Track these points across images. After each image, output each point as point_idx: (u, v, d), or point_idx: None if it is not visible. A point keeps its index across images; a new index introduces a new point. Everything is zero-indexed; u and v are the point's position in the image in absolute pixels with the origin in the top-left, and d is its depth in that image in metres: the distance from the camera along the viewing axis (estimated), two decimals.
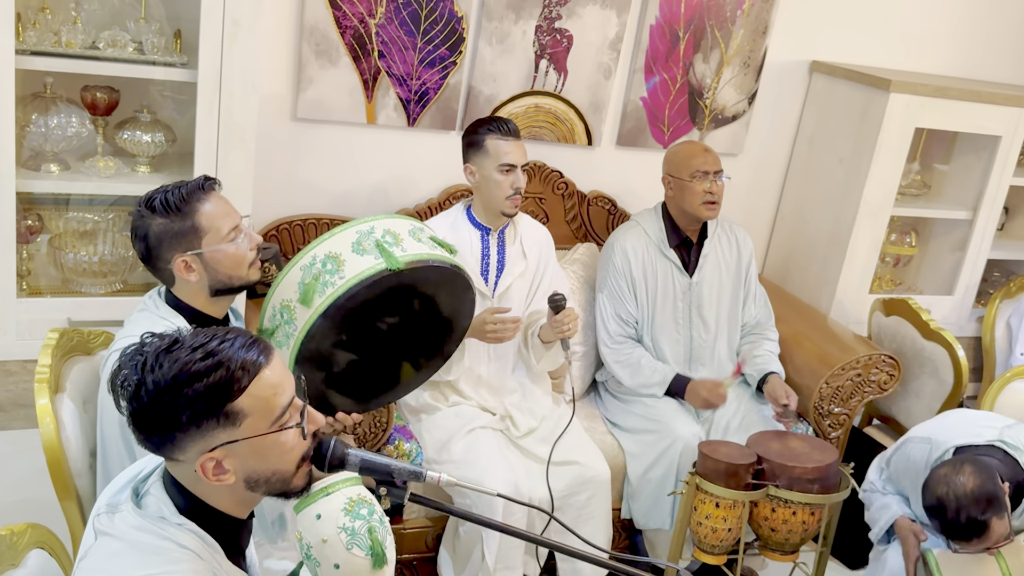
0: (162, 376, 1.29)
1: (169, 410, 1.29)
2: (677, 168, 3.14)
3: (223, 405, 1.31)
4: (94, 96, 2.71)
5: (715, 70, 3.62)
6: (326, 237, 2.07)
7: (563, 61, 3.39)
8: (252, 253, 2.01)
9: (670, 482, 2.96)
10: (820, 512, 2.69)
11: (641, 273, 3.16)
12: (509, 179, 2.80)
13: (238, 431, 1.33)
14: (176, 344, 1.32)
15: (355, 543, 1.47)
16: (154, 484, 1.41)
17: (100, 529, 1.37)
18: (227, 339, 1.34)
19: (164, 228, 1.93)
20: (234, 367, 1.31)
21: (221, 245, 1.94)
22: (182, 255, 1.94)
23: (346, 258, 2.02)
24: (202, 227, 1.94)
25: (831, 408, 3.22)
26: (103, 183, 2.66)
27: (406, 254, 2.05)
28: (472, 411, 2.93)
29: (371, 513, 1.51)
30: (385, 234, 2.07)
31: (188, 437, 1.32)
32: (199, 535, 1.37)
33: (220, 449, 1.33)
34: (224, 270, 1.97)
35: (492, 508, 2.61)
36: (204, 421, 1.31)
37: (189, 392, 1.29)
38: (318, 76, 3.09)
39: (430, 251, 2.10)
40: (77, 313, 2.64)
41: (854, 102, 3.60)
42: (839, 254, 3.65)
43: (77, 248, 2.73)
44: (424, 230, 2.19)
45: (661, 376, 3.12)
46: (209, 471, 1.34)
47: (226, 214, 1.97)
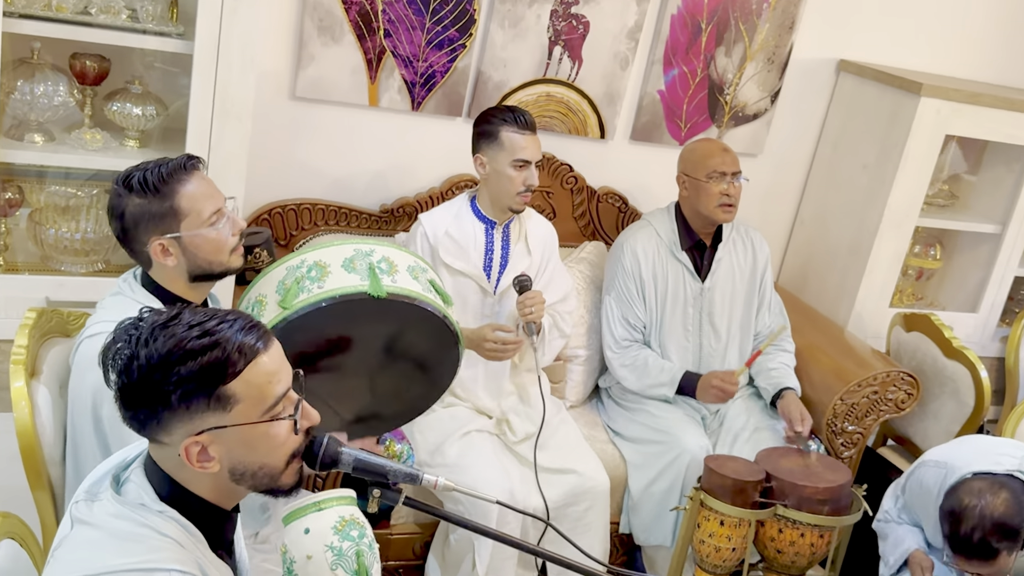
0: (155, 351, 1.29)
1: (159, 387, 1.30)
2: (693, 167, 3.13)
3: (215, 387, 1.31)
4: (83, 64, 2.70)
5: (737, 65, 3.61)
6: (323, 246, 2.08)
7: (578, 49, 3.38)
8: (234, 239, 2.00)
9: (674, 496, 2.96)
10: (829, 535, 2.69)
11: (651, 276, 3.16)
12: (522, 175, 2.80)
13: (228, 416, 1.33)
14: (174, 320, 1.33)
15: (340, 564, 1.46)
16: (135, 471, 1.41)
17: (77, 517, 1.38)
18: (227, 320, 1.34)
19: (141, 209, 1.92)
20: (231, 349, 1.32)
21: (201, 229, 1.93)
22: (159, 238, 1.93)
23: (333, 271, 2.03)
24: (181, 209, 1.92)
25: (845, 426, 3.22)
26: (89, 156, 2.65)
27: (394, 285, 2.05)
28: (467, 413, 2.92)
29: (361, 536, 1.51)
30: (382, 260, 2.07)
31: (176, 418, 1.32)
32: (181, 523, 1.37)
33: (207, 434, 1.33)
34: (204, 255, 1.96)
35: (486, 515, 2.61)
36: (194, 402, 1.31)
37: (182, 370, 1.29)
38: (320, 53, 3.08)
39: (422, 292, 2.10)
40: (56, 292, 2.63)
41: (882, 105, 3.59)
42: (859, 264, 3.65)
43: (58, 224, 2.72)
44: (426, 271, 2.19)
45: (670, 375, 3.11)
46: (193, 456, 1.34)
47: (208, 196, 1.95)
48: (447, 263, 2.87)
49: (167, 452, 1.37)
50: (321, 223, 3.25)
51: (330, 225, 3.26)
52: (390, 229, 3.32)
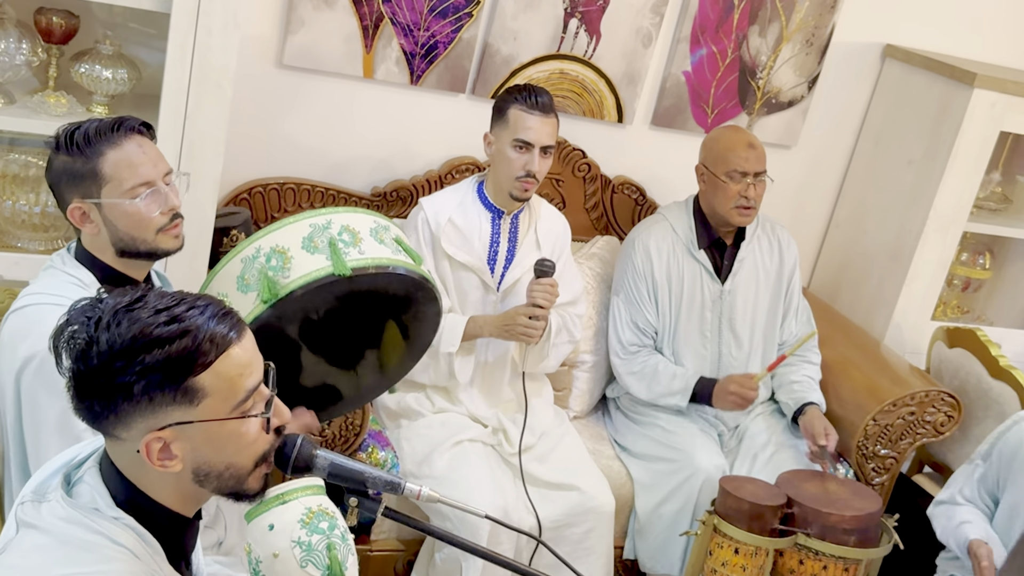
0: (118, 336, 1.29)
1: (120, 376, 1.29)
2: (713, 160, 3.13)
3: (183, 379, 1.31)
4: (49, 20, 2.70)
5: (772, 46, 3.61)
6: (276, 227, 2.08)
7: (596, 22, 3.38)
8: (162, 218, 1.98)
9: (684, 520, 2.96)
10: (855, 569, 2.68)
11: (665, 276, 3.16)
12: (522, 159, 2.80)
13: (194, 411, 1.33)
14: (138, 302, 1.32)
15: (311, 560, 1.47)
16: (89, 471, 1.40)
17: (24, 520, 1.37)
18: (197, 305, 1.34)
19: (64, 167, 1.94)
20: (201, 338, 1.31)
21: (120, 199, 1.93)
22: (79, 201, 1.94)
23: (294, 254, 2.03)
24: (103, 174, 1.93)
25: (877, 449, 3.22)
26: (52, 122, 2.64)
27: (362, 258, 2.06)
28: (460, 421, 2.93)
29: (332, 528, 1.51)
30: (343, 231, 2.07)
31: (136, 410, 1.31)
32: (137, 531, 1.36)
33: (170, 429, 1.33)
34: (125, 229, 1.96)
35: (476, 533, 2.61)
36: (158, 394, 1.31)
37: (147, 358, 1.29)
38: (311, 18, 3.08)
39: (392, 256, 2.12)
40: (10, 271, 2.64)
41: (931, 96, 3.59)
42: (900, 272, 3.65)
43: (16, 196, 2.73)
44: (388, 229, 2.20)
45: (683, 382, 3.11)
46: (154, 453, 1.33)
47: (137, 165, 1.94)
48: (449, 254, 2.87)
49: (124, 449, 1.36)
50: (306, 204, 3.25)
51: (315, 207, 3.25)
52: (383, 214, 3.32)
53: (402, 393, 2.96)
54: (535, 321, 2.78)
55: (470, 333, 2.85)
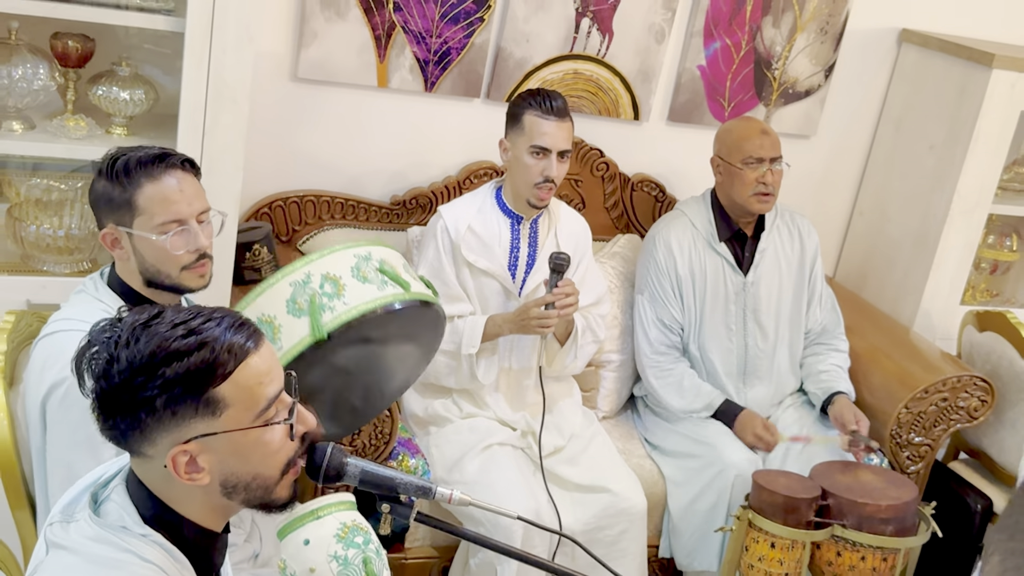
0: (137, 353, 1.31)
1: (142, 392, 1.31)
2: (728, 151, 3.13)
3: (203, 391, 1.33)
4: (65, 45, 2.74)
5: (787, 36, 3.60)
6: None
7: (608, 21, 3.39)
8: (188, 256, 2.00)
9: (719, 516, 2.96)
10: (894, 558, 2.67)
11: (688, 271, 3.16)
12: (539, 165, 2.80)
13: (218, 422, 1.35)
14: (156, 318, 1.34)
15: (347, 574, 1.48)
16: (116, 490, 1.42)
17: (53, 541, 1.39)
18: (213, 318, 1.36)
19: (103, 192, 1.99)
20: (219, 349, 1.33)
21: (148, 233, 1.96)
22: (112, 227, 1.98)
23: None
24: (137, 206, 1.96)
25: (911, 437, 3.20)
26: (72, 145, 2.68)
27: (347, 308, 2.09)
28: (488, 425, 2.94)
29: (366, 542, 1.52)
30: (323, 282, 2.10)
31: (160, 425, 1.33)
32: (165, 548, 1.37)
33: (195, 442, 1.34)
34: (151, 261, 1.99)
35: (510, 536, 2.62)
36: (180, 407, 1.32)
37: (167, 373, 1.31)
38: (323, 30, 3.11)
39: (377, 294, 2.14)
40: (38, 295, 2.67)
41: (950, 79, 3.57)
42: (926, 258, 3.63)
43: (40, 220, 2.76)
44: (369, 258, 2.24)
45: (706, 401, 3.11)
46: (181, 467, 1.35)
47: (171, 201, 1.97)
48: (470, 261, 2.88)
49: (151, 466, 1.38)
50: (326, 217, 3.27)
51: (336, 219, 3.28)
52: (402, 223, 3.34)
53: (430, 400, 2.97)
54: (549, 310, 2.76)
55: (490, 332, 2.85)
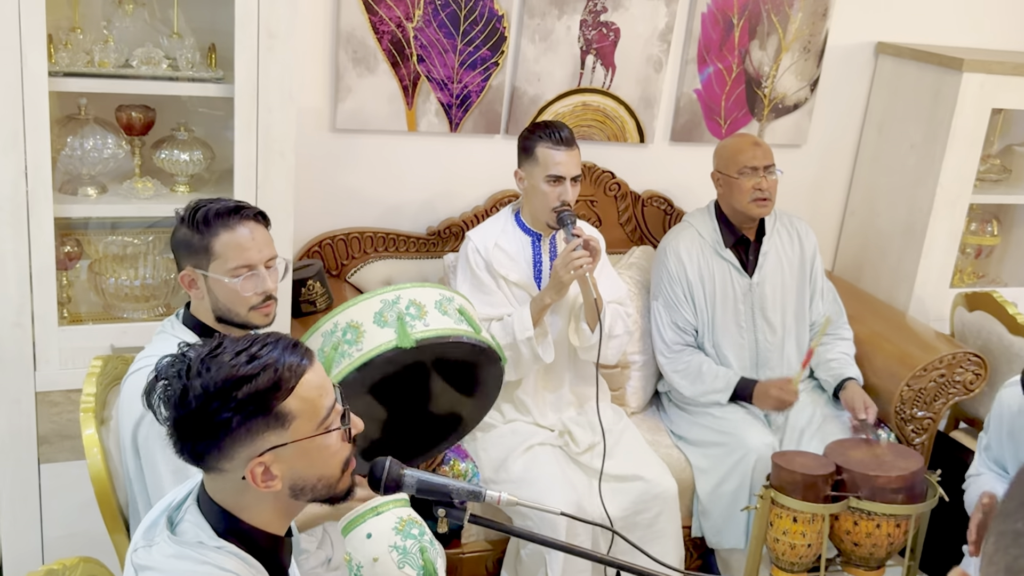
0: (211, 380, 1.34)
1: (218, 415, 1.34)
2: (725, 164, 3.13)
3: (272, 407, 1.36)
4: (129, 116, 2.77)
5: (773, 57, 3.59)
6: (351, 303, 2.17)
7: (610, 56, 3.39)
8: (256, 298, 2.03)
9: (743, 497, 2.94)
10: (906, 524, 2.64)
11: (697, 277, 3.15)
12: (556, 191, 2.80)
13: (287, 433, 1.37)
14: (218, 348, 1.37)
15: (407, 562, 1.50)
16: (189, 510, 1.44)
17: (139, 564, 1.41)
18: (268, 343, 1.39)
19: (183, 238, 2.02)
20: (281, 369, 1.36)
21: (222, 276, 1.99)
22: (190, 269, 2.01)
23: (366, 328, 2.09)
24: (213, 252, 1.99)
25: (914, 412, 3.17)
26: (142, 205, 2.72)
27: (427, 329, 2.14)
28: (529, 428, 2.93)
29: (422, 533, 1.54)
30: (410, 306, 2.13)
31: (237, 442, 1.36)
32: (240, 556, 1.40)
33: (269, 453, 1.37)
34: (223, 300, 2.02)
35: (555, 528, 2.61)
36: (254, 424, 1.35)
37: (239, 395, 1.34)
38: (356, 85, 3.13)
39: (454, 326, 2.19)
40: (120, 339, 2.70)
41: (924, 84, 3.54)
42: (915, 247, 3.60)
43: (118, 273, 2.80)
44: (453, 300, 2.26)
45: (724, 381, 3.09)
46: (259, 477, 1.37)
47: (244, 248, 2.00)
48: (502, 274, 2.88)
49: (226, 481, 1.40)
50: (370, 250, 3.29)
51: (379, 252, 3.30)
52: (438, 251, 3.35)
53: None
54: (579, 250, 2.69)
55: (535, 311, 2.80)
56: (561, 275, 2.73)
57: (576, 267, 2.70)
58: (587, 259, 2.70)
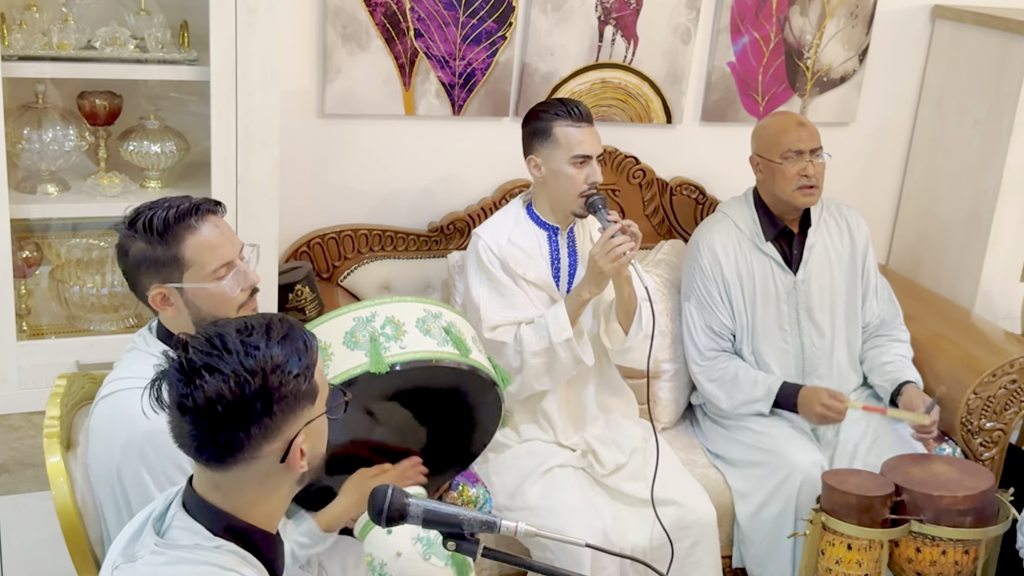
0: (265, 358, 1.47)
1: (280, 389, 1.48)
2: (766, 147, 3.12)
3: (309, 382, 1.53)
4: (92, 104, 2.79)
5: (816, 24, 3.58)
6: (321, 322, 2.19)
7: (632, 26, 3.39)
8: (243, 294, 2.04)
9: (787, 522, 2.93)
10: (976, 550, 2.63)
11: (735, 274, 3.14)
12: (583, 173, 2.80)
13: (314, 408, 1.55)
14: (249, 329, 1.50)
15: (432, 552, 1.54)
16: (176, 516, 1.51)
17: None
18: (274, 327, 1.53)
19: (144, 254, 1.98)
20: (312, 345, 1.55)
21: (204, 283, 1.98)
22: (160, 287, 1.99)
23: (334, 351, 2.11)
24: (185, 260, 1.98)
25: (982, 423, 3.16)
26: (108, 203, 2.73)
27: (404, 352, 2.17)
28: (547, 448, 2.93)
29: None
30: (386, 324, 2.16)
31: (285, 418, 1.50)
32: (239, 554, 1.48)
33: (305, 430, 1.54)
34: (207, 310, 2.01)
35: (578, 561, 2.61)
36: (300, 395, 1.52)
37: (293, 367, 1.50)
38: (346, 64, 3.14)
39: (436, 348, 2.22)
40: (86, 355, 2.71)
41: (987, 51, 3.53)
42: (981, 236, 3.59)
43: (83, 280, 2.81)
44: (440, 317, 2.30)
45: (764, 388, 3.08)
46: (297, 456, 1.52)
47: (216, 247, 2.00)
48: (519, 274, 2.87)
49: (252, 470, 1.48)
50: (365, 250, 3.30)
51: (375, 251, 3.31)
52: (441, 249, 3.36)
53: None
54: (619, 236, 2.70)
55: (571, 308, 2.81)
56: (602, 265, 2.72)
57: (618, 255, 2.70)
58: (629, 245, 2.71)
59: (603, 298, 2.92)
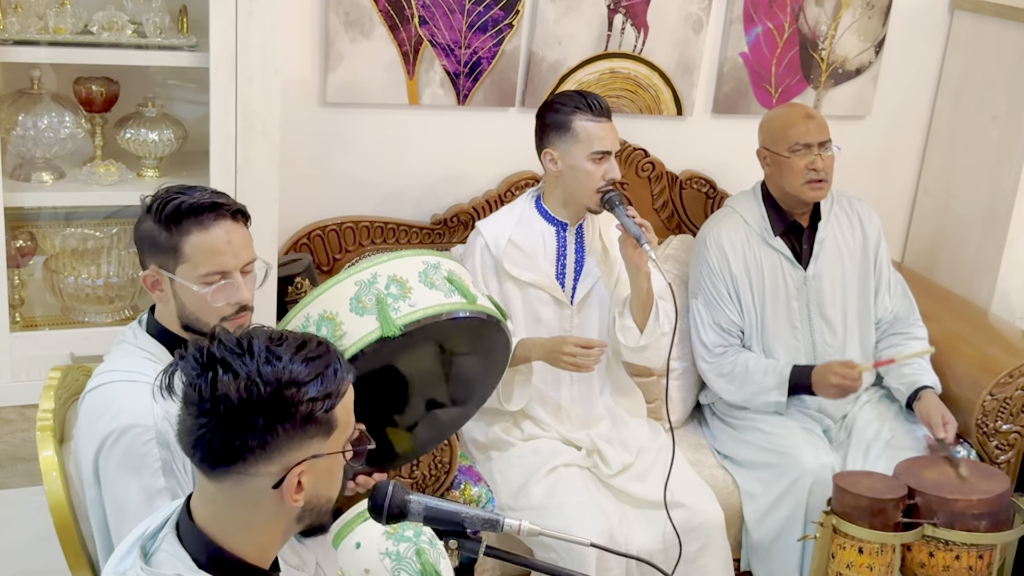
0: (284, 369, 1.41)
1: (287, 407, 1.41)
2: (773, 140, 3.12)
3: (331, 410, 1.45)
4: (89, 90, 2.78)
5: (832, 14, 3.57)
6: (321, 291, 2.12)
7: (642, 15, 3.38)
8: (228, 308, 2.00)
9: (796, 525, 2.93)
10: (990, 555, 2.63)
11: (743, 270, 3.14)
12: (601, 169, 2.80)
13: (327, 444, 1.45)
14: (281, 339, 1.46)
15: (402, 568, 1.52)
16: (166, 539, 1.47)
17: None
18: (321, 342, 1.48)
19: (148, 233, 1.99)
20: (341, 372, 1.47)
21: (190, 283, 1.97)
22: (155, 270, 1.99)
23: (343, 319, 2.07)
24: (182, 254, 1.97)
25: (998, 425, 3.15)
26: (104, 192, 2.73)
27: (414, 310, 2.11)
28: (552, 446, 2.93)
29: (418, 534, 1.56)
30: (389, 283, 2.12)
31: (288, 443, 1.42)
32: None
33: (307, 462, 1.44)
34: (190, 308, 2.00)
35: (583, 562, 2.61)
36: (311, 425, 1.44)
37: (310, 390, 1.43)
38: (349, 52, 3.14)
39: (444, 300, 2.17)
40: (81, 347, 2.71)
41: (1007, 44, 3.52)
42: (999, 234, 3.58)
43: (77, 270, 2.81)
44: (439, 267, 2.26)
45: (776, 377, 3.07)
46: (293, 488, 1.43)
47: (217, 253, 1.97)
48: (514, 275, 2.88)
49: (246, 490, 1.42)
50: (367, 242, 3.29)
51: (376, 244, 3.30)
52: (444, 242, 3.35)
53: (490, 424, 2.97)
54: (585, 351, 2.75)
55: (519, 356, 2.81)
56: (555, 361, 2.78)
57: (578, 365, 2.76)
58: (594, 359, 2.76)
59: (618, 294, 2.92)
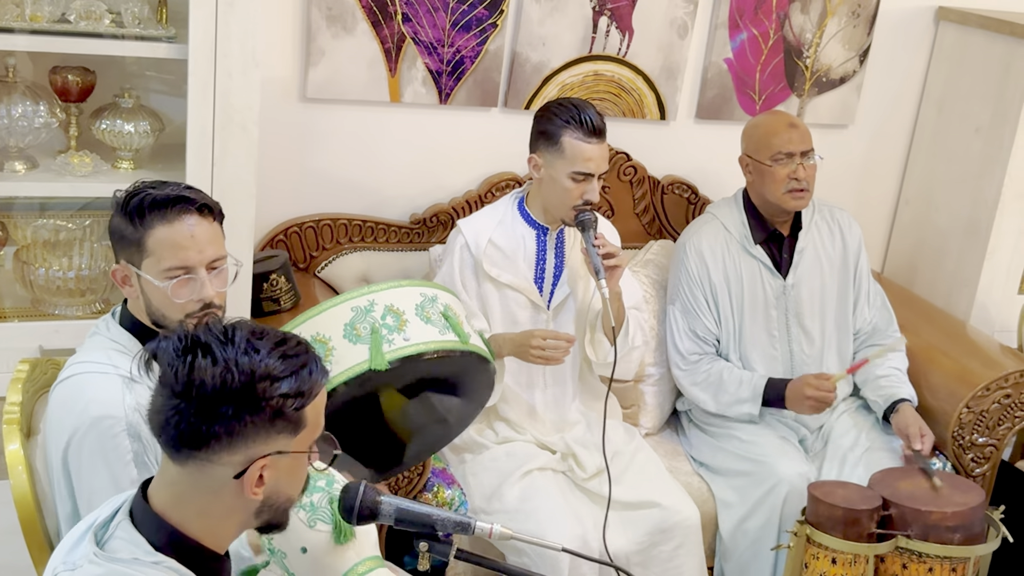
0: (260, 362, 1.44)
1: (259, 398, 1.44)
2: (755, 148, 3.13)
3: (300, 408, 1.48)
4: (65, 79, 2.77)
5: (817, 22, 3.60)
6: (316, 312, 2.14)
7: (627, 18, 3.40)
8: (193, 305, 1.99)
9: (771, 534, 2.94)
10: (964, 568, 2.65)
11: (722, 278, 3.15)
12: (580, 188, 2.79)
13: (293, 442, 1.48)
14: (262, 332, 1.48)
15: (318, 518, 1.55)
16: (120, 526, 1.49)
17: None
18: (300, 341, 1.50)
19: (117, 227, 2.01)
20: (316, 372, 1.49)
21: (152, 277, 1.97)
22: (124, 264, 2.00)
23: (335, 346, 2.09)
24: (146, 248, 1.97)
25: (974, 438, 3.18)
26: (77, 183, 2.72)
27: (408, 344, 2.17)
28: (527, 449, 2.94)
29: (330, 483, 1.60)
30: (386, 313, 2.15)
31: (253, 435, 1.44)
32: (179, 571, 1.45)
33: (271, 457, 1.46)
34: (155, 304, 2.00)
35: (556, 567, 2.62)
36: (279, 421, 1.46)
37: (283, 386, 1.45)
38: (330, 47, 3.13)
39: (438, 337, 2.23)
40: (51, 340, 2.70)
41: (992, 56, 3.55)
42: (979, 246, 3.61)
43: (49, 262, 2.80)
44: (436, 300, 2.30)
45: (750, 388, 3.09)
46: (254, 480, 1.45)
47: (180, 248, 1.97)
48: (492, 276, 2.89)
49: (208, 477, 1.45)
50: (344, 240, 3.29)
51: (354, 242, 3.30)
52: (423, 242, 3.36)
53: None
54: (557, 343, 2.76)
55: (494, 345, 2.83)
56: (524, 354, 2.79)
57: (541, 360, 2.76)
58: (562, 352, 2.76)
59: (590, 308, 2.93)
